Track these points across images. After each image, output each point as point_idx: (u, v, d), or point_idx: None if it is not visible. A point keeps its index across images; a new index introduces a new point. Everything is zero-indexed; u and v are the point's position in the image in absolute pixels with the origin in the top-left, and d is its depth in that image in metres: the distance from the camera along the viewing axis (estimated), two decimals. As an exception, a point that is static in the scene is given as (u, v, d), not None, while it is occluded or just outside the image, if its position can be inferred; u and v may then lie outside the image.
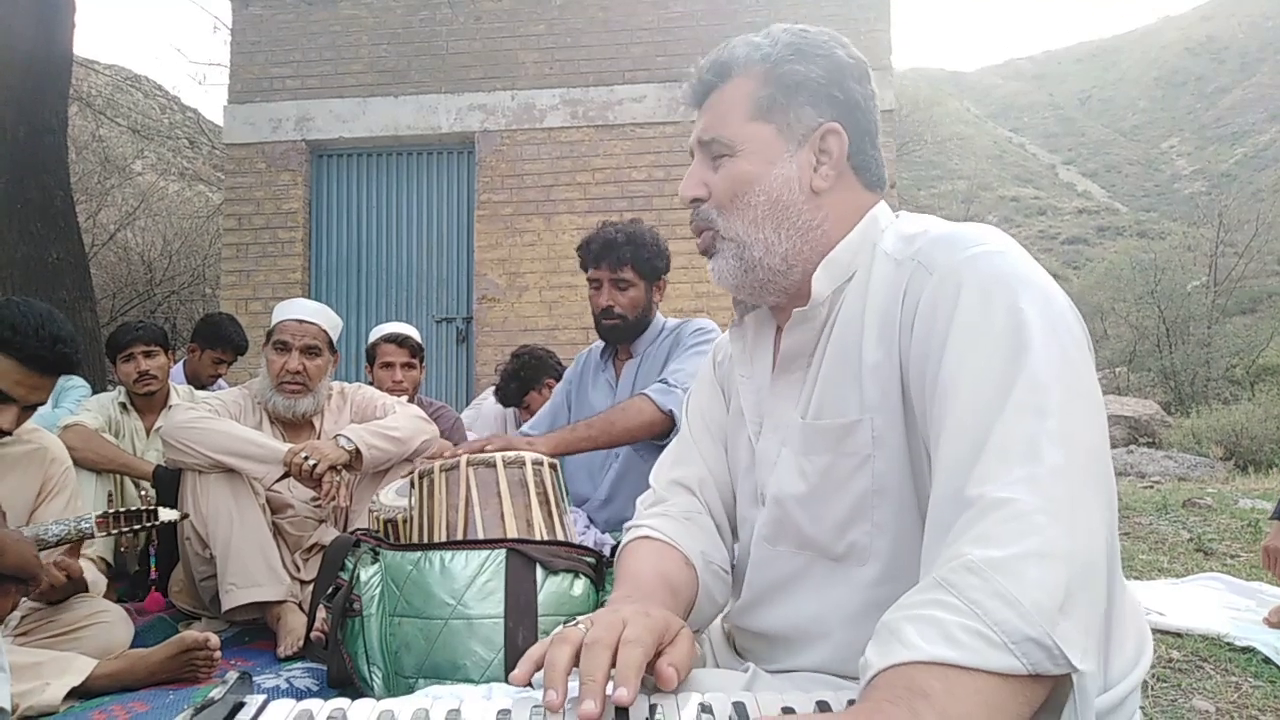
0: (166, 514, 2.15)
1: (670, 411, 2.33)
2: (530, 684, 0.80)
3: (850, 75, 1.03)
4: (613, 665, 0.75)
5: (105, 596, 2.39)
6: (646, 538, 1.10)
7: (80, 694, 1.86)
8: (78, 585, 2.10)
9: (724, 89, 1.04)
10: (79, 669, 1.87)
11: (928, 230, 0.95)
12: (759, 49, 1.03)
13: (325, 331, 2.77)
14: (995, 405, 0.76)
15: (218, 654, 2.00)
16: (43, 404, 2.05)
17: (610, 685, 0.73)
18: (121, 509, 2.08)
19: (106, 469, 3.03)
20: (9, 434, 2.00)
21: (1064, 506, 0.71)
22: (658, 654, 0.80)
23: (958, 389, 0.80)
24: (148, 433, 3.33)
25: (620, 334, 2.66)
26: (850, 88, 1.02)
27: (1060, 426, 0.74)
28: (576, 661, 0.77)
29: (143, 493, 3.10)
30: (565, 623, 0.87)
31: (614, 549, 1.96)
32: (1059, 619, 0.66)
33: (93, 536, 2.02)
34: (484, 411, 4.31)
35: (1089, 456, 0.74)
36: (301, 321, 2.73)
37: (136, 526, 2.08)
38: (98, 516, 2.01)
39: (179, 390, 3.56)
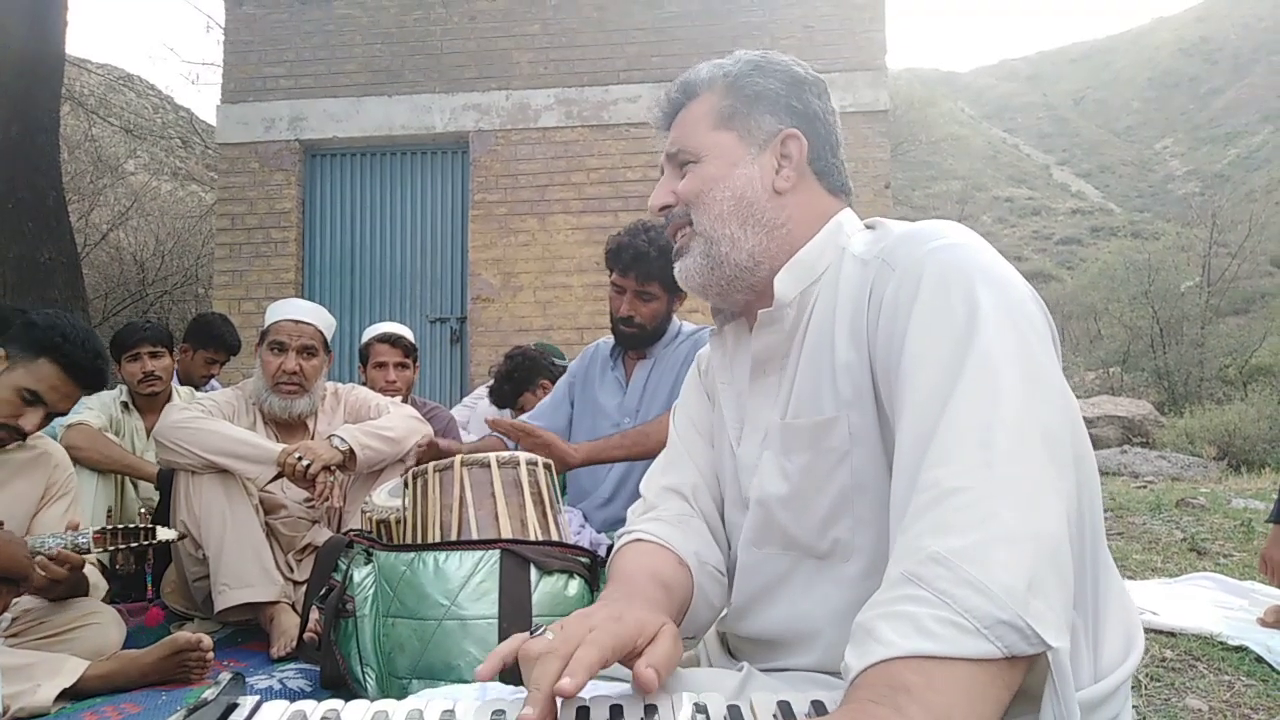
0: (164, 533, 2.15)
1: None
2: (519, 684, 0.80)
3: (809, 90, 1.09)
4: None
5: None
6: (639, 540, 1.10)
7: (72, 695, 1.86)
8: (79, 587, 2.09)
9: (690, 106, 1.11)
10: (71, 670, 1.86)
11: (893, 230, 0.98)
12: (721, 68, 1.10)
13: (321, 332, 2.77)
14: (946, 390, 0.78)
15: (210, 655, 2.00)
16: (64, 415, 2.07)
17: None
18: (120, 526, 2.08)
19: (110, 469, 3.02)
20: (25, 437, 2.04)
21: (1019, 489, 0.72)
22: (637, 654, 0.80)
23: (915, 376, 0.82)
24: (148, 433, 3.31)
25: (637, 342, 2.66)
26: (809, 100, 1.08)
27: (1012, 410, 0.75)
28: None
29: (142, 510, 3.07)
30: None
31: (609, 549, 1.96)
32: (1029, 599, 0.67)
33: (89, 552, 2.01)
34: (479, 412, 4.30)
35: (1044, 439, 0.75)
36: (298, 322, 2.72)
37: (134, 544, 2.07)
38: (95, 532, 2.01)
39: (180, 391, 3.55)
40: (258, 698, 0.76)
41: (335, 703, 0.76)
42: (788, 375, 1.02)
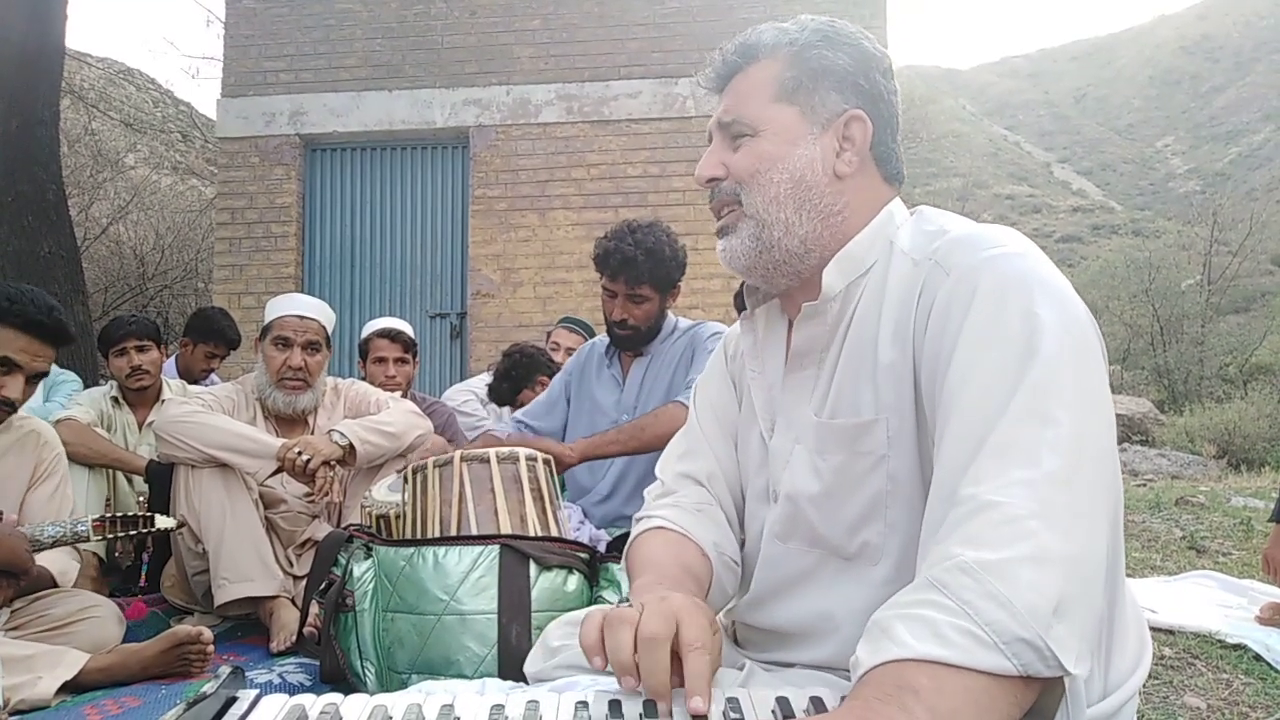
0: (163, 521, 2.15)
1: None
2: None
3: (876, 67, 1.02)
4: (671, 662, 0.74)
5: (98, 592, 2.39)
6: (661, 528, 1.08)
7: (72, 688, 1.86)
8: (41, 581, 2.09)
9: (749, 71, 1.03)
10: (71, 663, 1.86)
11: (947, 230, 0.94)
12: (787, 34, 1.03)
13: (324, 327, 2.77)
14: (999, 407, 0.76)
15: (210, 648, 2.00)
16: (45, 374, 2.08)
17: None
18: (118, 514, 2.08)
19: (98, 464, 3.02)
20: (16, 407, 2.04)
21: (1061, 513, 0.71)
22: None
23: (965, 389, 0.80)
24: (140, 427, 3.32)
25: (633, 343, 2.66)
26: (875, 79, 1.02)
27: (1064, 433, 0.74)
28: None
29: (139, 497, 3.08)
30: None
31: (609, 545, 1.96)
32: (1053, 622, 0.66)
33: (88, 540, 2.02)
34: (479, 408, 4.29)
35: (1093, 465, 0.74)
36: (302, 317, 2.71)
37: (133, 532, 2.08)
38: (94, 520, 2.02)
39: (171, 385, 3.54)
40: (257, 692, 0.76)
41: (334, 697, 0.76)
42: (826, 371, 0.99)
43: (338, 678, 1.75)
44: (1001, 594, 0.67)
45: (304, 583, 2.23)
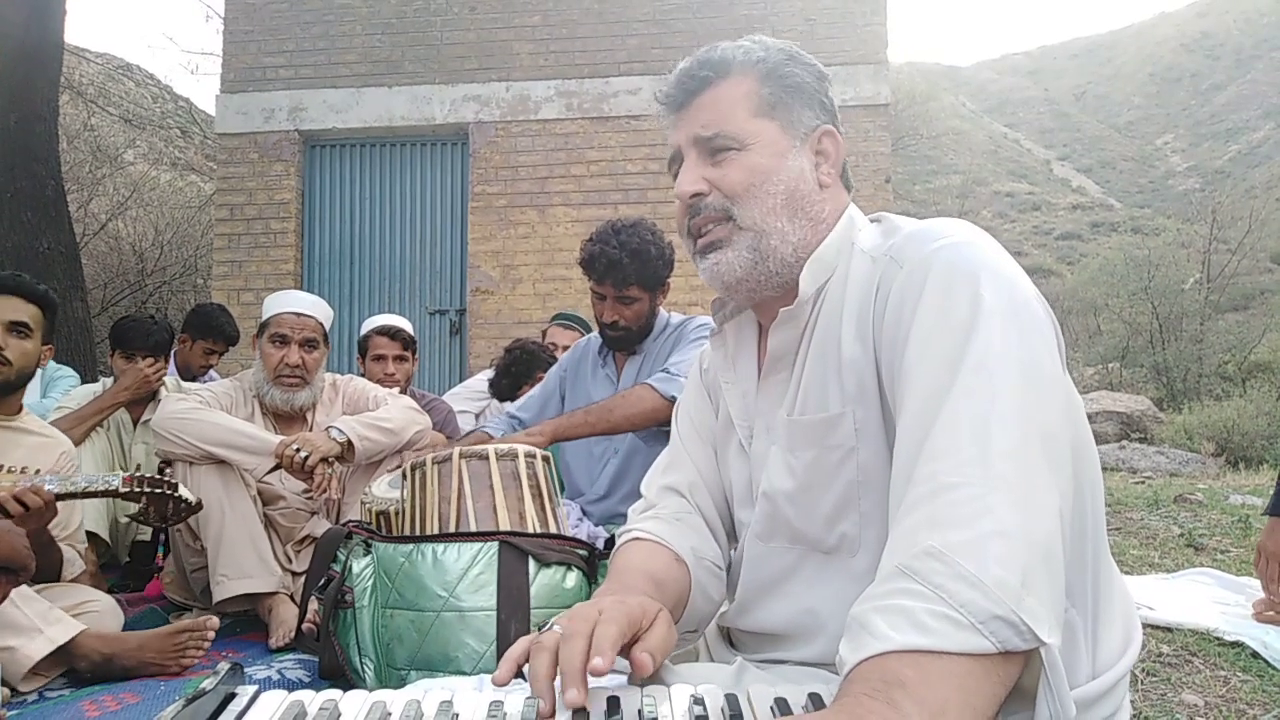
0: (186, 491, 2.19)
1: (673, 398, 2.30)
2: (522, 674, 0.81)
3: (829, 85, 1.09)
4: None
5: (97, 587, 2.39)
6: (636, 539, 1.11)
7: (70, 673, 1.89)
8: (51, 569, 2.12)
9: (721, 86, 1.05)
10: (68, 627, 1.89)
11: (901, 227, 0.98)
12: (753, 52, 1.06)
13: (321, 324, 2.77)
14: (945, 385, 0.79)
15: (210, 635, 2.01)
16: (23, 325, 2.20)
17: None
18: (147, 474, 2.12)
19: (102, 417, 3.13)
20: (8, 360, 2.15)
21: (1015, 486, 0.72)
22: (634, 640, 0.81)
23: (915, 373, 0.83)
24: (134, 424, 3.32)
25: (625, 343, 2.65)
26: (830, 96, 1.09)
27: (1011, 408, 0.76)
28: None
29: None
30: (544, 624, 0.87)
31: (607, 542, 1.96)
32: (1023, 595, 0.68)
33: (118, 492, 2.05)
34: (491, 410, 4.29)
35: (1042, 438, 0.76)
36: (300, 315, 2.71)
37: (159, 490, 2.11)
38: (125, 475, 2.06)
39: (168, 383, 3.54)
40: (256, 688, 0.77)
41: (333, 693, 0.76)
42: (795, 371, 1.02)
43: (336, 674, 1.75)
44: (971, 574, 0.68)
45: (303, 579, 2.23)
